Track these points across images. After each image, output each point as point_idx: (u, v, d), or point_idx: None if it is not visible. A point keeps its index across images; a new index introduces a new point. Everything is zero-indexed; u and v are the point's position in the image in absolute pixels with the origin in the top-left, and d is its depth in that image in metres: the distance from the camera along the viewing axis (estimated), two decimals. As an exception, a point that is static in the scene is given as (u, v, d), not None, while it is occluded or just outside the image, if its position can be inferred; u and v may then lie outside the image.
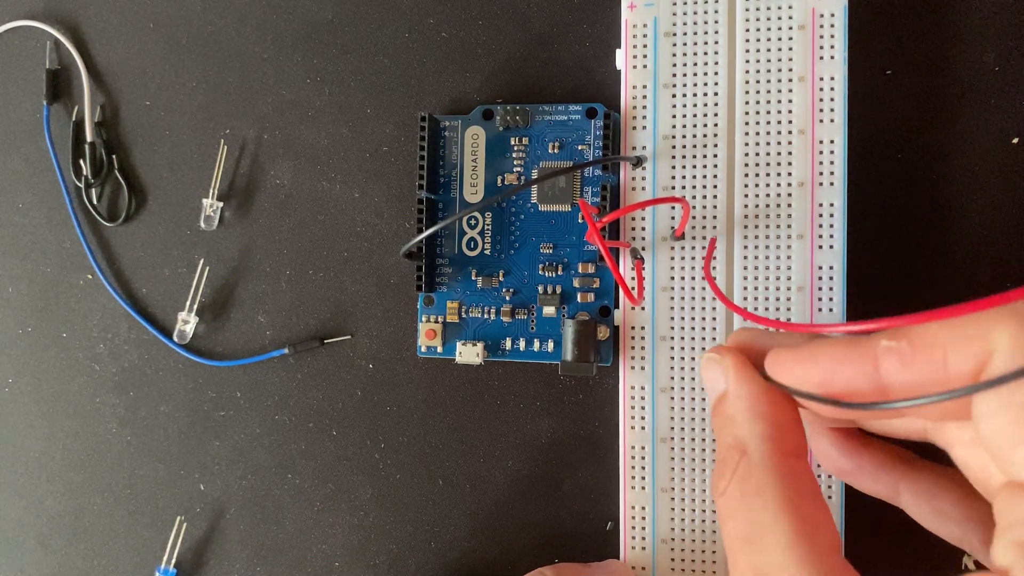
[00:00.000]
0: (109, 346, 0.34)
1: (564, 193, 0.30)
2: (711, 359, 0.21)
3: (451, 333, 0.31)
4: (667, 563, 0.28)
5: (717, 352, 0.21)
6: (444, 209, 0.31)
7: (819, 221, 0.27)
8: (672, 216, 0.28)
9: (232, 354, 0.33)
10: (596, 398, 0.31)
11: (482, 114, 0.31)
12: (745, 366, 0.21)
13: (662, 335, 0.28)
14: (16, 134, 0.35)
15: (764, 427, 0.20)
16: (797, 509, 0.18)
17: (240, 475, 0.33)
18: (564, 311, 0.30)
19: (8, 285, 0.35)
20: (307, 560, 0.33)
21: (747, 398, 0.20)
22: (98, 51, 0.34)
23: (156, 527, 0.34)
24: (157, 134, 0.34)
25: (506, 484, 0.31)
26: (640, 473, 0.28)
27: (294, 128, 0.33)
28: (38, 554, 0.35)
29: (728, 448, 0.20)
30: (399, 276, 0.32)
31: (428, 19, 0.32)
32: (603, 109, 0.29)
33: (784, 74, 0.28)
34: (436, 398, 0.32)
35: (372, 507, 0.32)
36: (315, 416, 0.33)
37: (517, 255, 0.30)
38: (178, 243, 0.34)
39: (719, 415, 0.21)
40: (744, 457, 0.19)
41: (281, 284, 0.33)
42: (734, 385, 0.20)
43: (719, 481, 0.20)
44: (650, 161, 0.29)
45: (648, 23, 0.28)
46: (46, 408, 0.35)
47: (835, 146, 0.27)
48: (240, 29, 0.33)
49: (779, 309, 0.28)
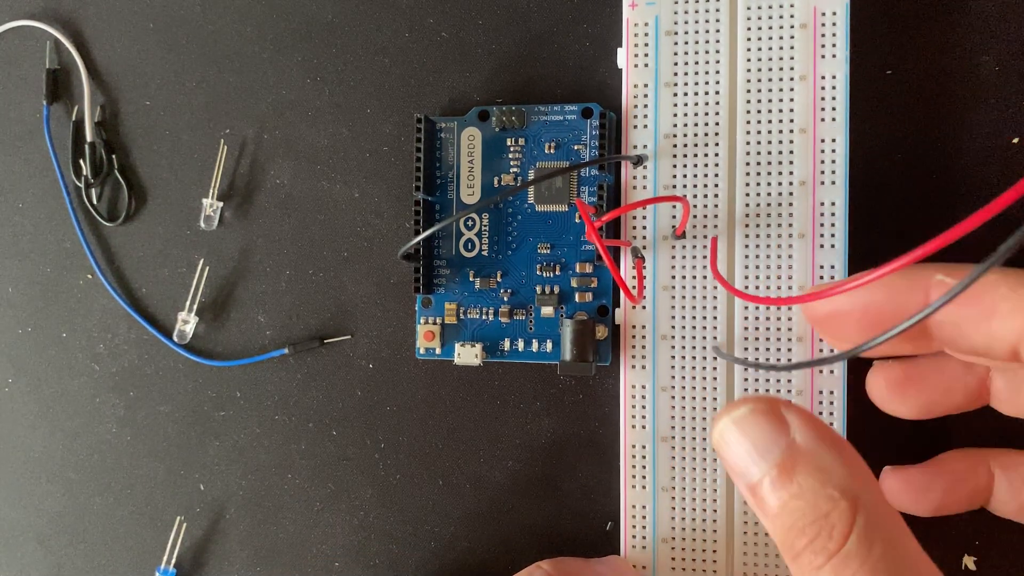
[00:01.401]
0: (109, 346, 0.34)
1: (561, 193, 0.30)
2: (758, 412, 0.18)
3: (449, 334, 0.31)
4: (667, 562, 0.28)
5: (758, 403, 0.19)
6: (441, 211, 0.31)
7: (820, 220, 0.27)
8: (673, 215, 0.28)
9: (232, 354, 0.33)
10: (596, 398, 0.31)
11: (478, 115, 0.31)
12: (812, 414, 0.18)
13: (663, 334, 0.28)
14: (16, 134, 0.35)
15: (866, 472, 0.17)
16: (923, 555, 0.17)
17: (240, 475, 0.33)
18: (562, 311, 0.30)
19: (8, 285, 0.35)
20: (307, 560, 0.33)
21: (830, 438, 0.18)
22: (98, 51, 0.34)
23: (156, 527, 0.34)
24: (157, 134, 0.34)
25: (506, 484, 0.31)
26: (641, 472, 0.28)
27: (294, 128, 0.33)
28: (38, 554, 0.35)
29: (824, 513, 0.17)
30: (399, 276, 0.32)
31: (428, 19, 0.32)
32: (599, 109, 0.29)
33: (786, 73, 0.28)
34: (436, 398, 0.32)
35: (372, 507, 0.32)
36: (315, 416, 0.33)
37: (515, 256, 0.30)
38: (178, 243, 0.34)
39: (789, 478, 0.18)
40: (861, 511, 0.17)
41: (281, 284, 0.33)
42: (808, 429, 0.18)
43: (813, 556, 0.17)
44: (651, 160, 0.28)
45: (649, 22, 0.28)
46: (46, 408, 0.35)
47: (836, 145, 0.27)
48: (240, 29, 0.33)
49: (779, 308, 0.27)
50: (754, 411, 0.18)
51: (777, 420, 0.18)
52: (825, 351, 0.27)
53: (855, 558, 0.17)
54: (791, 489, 0.18)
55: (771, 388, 0.28)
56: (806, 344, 0.27)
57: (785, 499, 0.18)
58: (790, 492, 0.18)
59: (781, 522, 0.18)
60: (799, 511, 0.17)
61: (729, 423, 0.19)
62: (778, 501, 0.18)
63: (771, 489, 0.18)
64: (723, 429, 0.19)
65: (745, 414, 0.18)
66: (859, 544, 0.17)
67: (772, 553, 0.28)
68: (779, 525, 0.18)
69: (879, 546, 0.16)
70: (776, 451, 0.18)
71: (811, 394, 0.27)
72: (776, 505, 0.18)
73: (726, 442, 0.19)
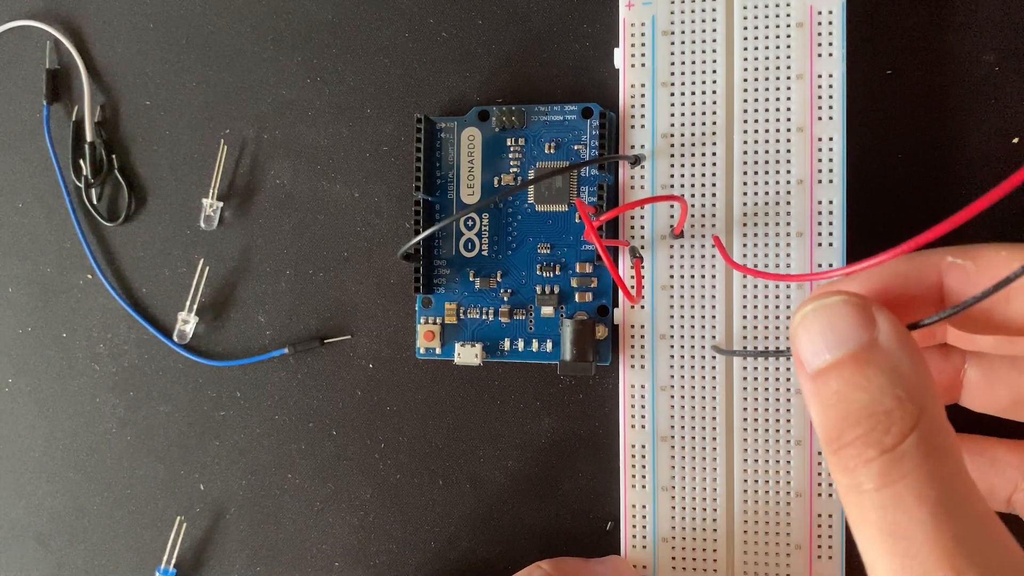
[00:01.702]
0: (109, 346, 0.34)
1: (561, 193, 0.30)
2: (850, 303, 0.18)
3: (449, 334, 0.31)
4: (668, 562, 0.28)
5: (851, 296, 0.18)
6: (441, 211, 0.31)
7: (818, 219, 0.27)
8: (671, 215, 0.28)
9: (232, 354, 0.33)
10: (595, 397, 0.31)
11: (478, 115, 0.31)
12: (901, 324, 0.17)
13: (662, 333, 0.28)
14: (16, 134, 0.35)
15: (937, 392, 0.17)
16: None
17: (240, 475, 0.33)
18: (562, 311, 0.30)
19: (8, 285, 0.35)
20: (307, 560, 0.33)
21: (912, 349, 0.17)
22: (98, 51, 0.34)
23: (156, 527, 0.34)
24: (157, 134, 0.34)
25: (506, 484, 0.31)
26: (640, 472, 0.28)
27: (294, 128, 0.33)
28: (38, 554, 0.35)
29: (887, 409, 0.16)
30: (399, 276, 0.32)
31: (428, 19, 0.32)
32: (599, 109, 0.29)
33: (783, 72, 0.28)
34: (436, 398, 0.32)
35: (372, 507, 0.32)
36: (315, 416, 0.33)
37: (515, 256, 0.30)
38: (178, 243, 0.34)
39: (860, 369, 0.17)
40: (925, 420, 0.16)
41: (281, 284, 0.33)
42: (894, 332, 0.17)
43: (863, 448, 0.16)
44: (649, 160, 0.28)
45: (646, 22, 0.28)
46: (46, 408, 0.35)
47: (834, 143, 0.27)
48: (240, 29, 0.33)
49: (779, 307, 0.28)
50: (846, 301, 0.18)
51: (866, 316, 0.17)
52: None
53: (910, 460, 0.16)
54: (858, 380, 0.17)
55: (770, 386, 0.28)
56: (805, 343, 0.27)
57: (848, 388, 0.17)
58: (855, 382, 0.17)
59: (836, 411, 0.17)
60: (859, 402, 0.17)
61: (817, 306, 0.18)
62: (839, 388, 0.17)
63: (835, 375, 0.17)
64: (807, 312, 0.18)
65: (836, 302, 0.18)
66: (917, 448, 0.16)
67: (772, 552, 0.28)
68: (833, 414, 0.17)
69: (936, 459, 0.16)
70: (853, 343, 0.17)
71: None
72: (835, 392, 0.17)
73: (805, 325, 0.18)
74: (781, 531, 0.27)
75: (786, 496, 0.27)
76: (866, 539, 0.16)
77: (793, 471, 0.27)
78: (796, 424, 0.27)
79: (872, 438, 0.16)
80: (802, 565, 0.27)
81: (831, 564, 0.27)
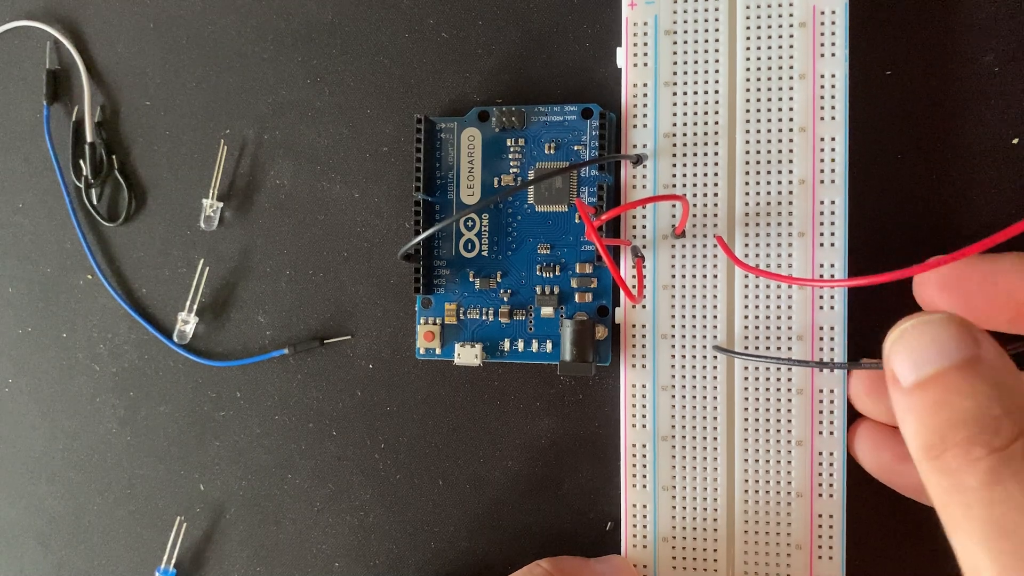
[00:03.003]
0: (109, 346, 0.34)
1: (561, 194, 0.30)
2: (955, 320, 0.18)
3: (449, 335, 0.31)
4: (668, 561, 0.28)
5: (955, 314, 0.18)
6: (441, 211, 0.31)
7: (820, 219, 0.27)
8: (673, 214, 0.28)
9: (232, 354, 0.33)
10: (596, 398, 0.31)
11: (478, 116, 0.31)
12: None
13: (663, 333, 0.28)
14: (16, 134, 0.35)
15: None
16: None
17: (240, 475, 0.33)
18: (562, 311, 0.30)
19: (8, 285, 0.35)
20: (307, 560, 0.32)
21: (1012, 367, 0.17)
22: (98, 51, 0.34)
23: (156, 527, 0.34)
24: (157, 134, 0.34)
25: (506, 484, 0.31)
26: (641, 472, 0.28)
27: (294, 128, 0.33)
28: (38, 554, 0.35)
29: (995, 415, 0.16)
30: (399, 276, 0.32)
31: (428, 19, 0.32)
32: (599, 109, 0.29)
33: (785, 72, 0.28)
34: (436, 398, 0.32)
35: (372, 507, 0.32)
36: (315, 416, 0.33)
37: (514, 256, 0.30)
38: (178, 243, 0.34)
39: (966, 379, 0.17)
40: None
41: (281, 284, 0.33)
42: (995, 350, 0.17)
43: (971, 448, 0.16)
44: (651, 159, 0.28)
45: (649, 21, 0.28)
46: (46, 408, 0.35)
47: (836, 143, 0.27)
48: (240, 29, 0.33)
49: (780, 307, 0.27)
50: (950, 318, 0.17)
51: (969, 335, 0.17)
52: (825, 350, 0.27)
53: (1020, 460, 0.16)
54: (963, 388, 0.17)
55: (771, 387, 0.28)
56: (806, 343, 0.27)
57: (952, 396, 0.17)
58: (961, 391, 0.17)
59: (938, 418, 0.17)
60: (965, 408, 0.17)
61: (918, 322, 0.18)
62: (942, 397, 0.17)
63: (938, 385, 0.17)
64: (908, 327, 0.18)
65: (939, 318, 0.18)
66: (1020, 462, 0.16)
67: (772, 552, 0.28)
68: (933, 421, 0.17)
69: None
70: (959, 355, 0.17)
71: (811, 393, 0.27)
72: (936, 401, 0.17)
73: (905, 340, 0.18)
74: (781, 531, 0.27)
75: (787, 496, 0.27)
76: (971, 539, 0.16)
77: (794, 471, 0.27)
78: (797, 424, 0.27)
79: (981, 439, 0.16)
80: (802, 565, 0.27)
81: (831, 564, 0.27)
